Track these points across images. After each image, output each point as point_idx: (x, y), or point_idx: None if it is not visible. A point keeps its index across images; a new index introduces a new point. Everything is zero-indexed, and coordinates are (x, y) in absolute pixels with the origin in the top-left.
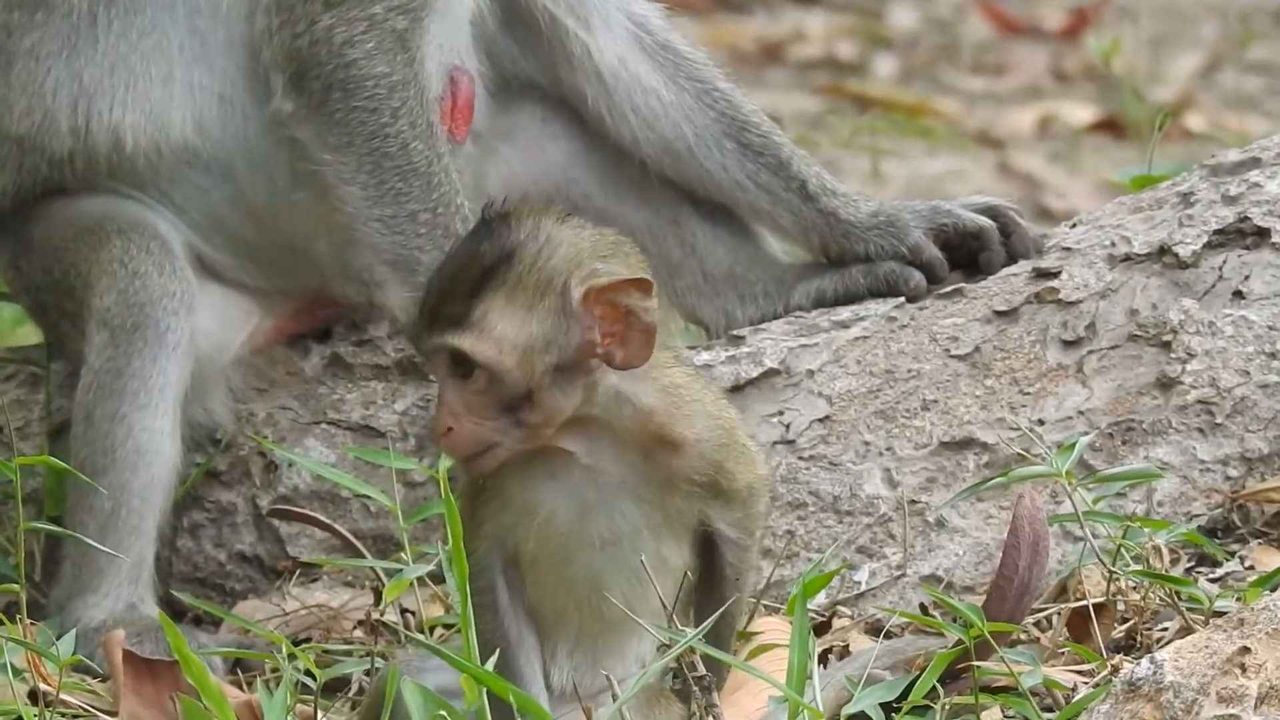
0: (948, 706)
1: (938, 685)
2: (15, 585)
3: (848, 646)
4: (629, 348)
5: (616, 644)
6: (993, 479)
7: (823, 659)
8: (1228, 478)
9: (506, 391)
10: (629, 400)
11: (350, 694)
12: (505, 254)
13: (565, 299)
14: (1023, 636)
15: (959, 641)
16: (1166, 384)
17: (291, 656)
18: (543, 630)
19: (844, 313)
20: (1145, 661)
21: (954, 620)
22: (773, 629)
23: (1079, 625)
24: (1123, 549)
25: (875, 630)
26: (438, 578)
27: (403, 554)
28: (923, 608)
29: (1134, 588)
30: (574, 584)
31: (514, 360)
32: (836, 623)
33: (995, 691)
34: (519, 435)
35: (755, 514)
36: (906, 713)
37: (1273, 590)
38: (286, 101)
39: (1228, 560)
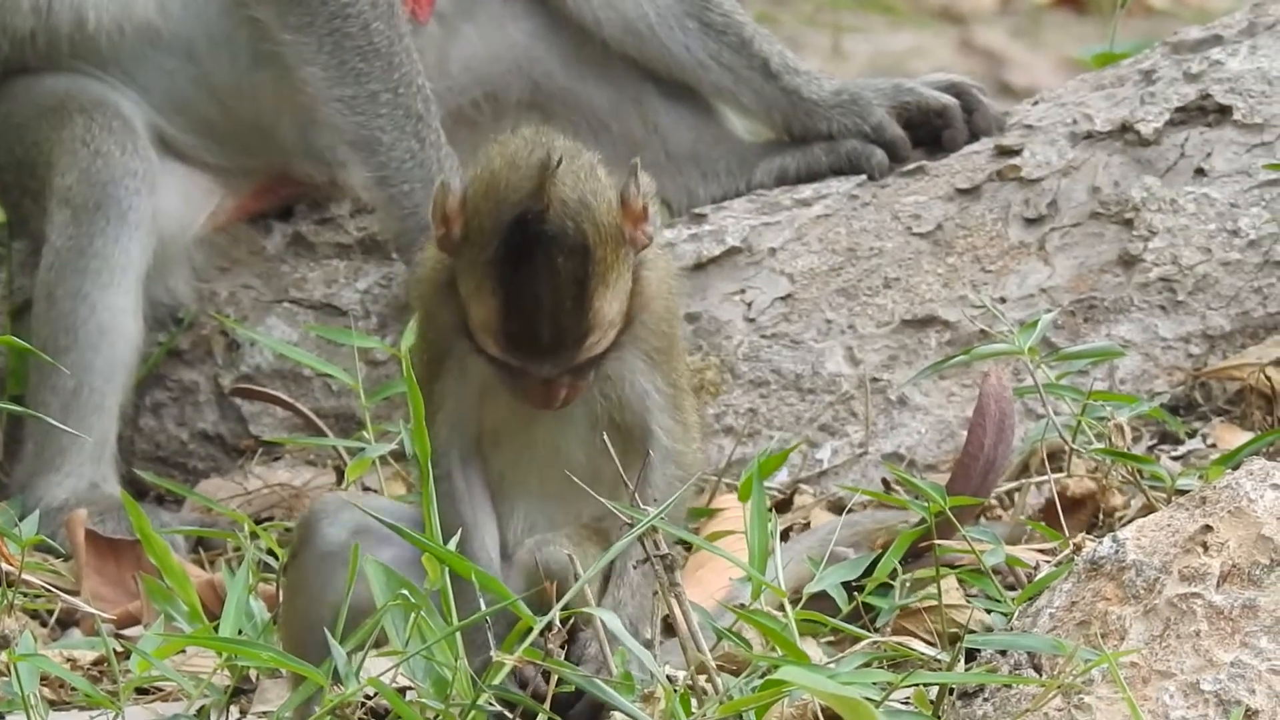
0: (908, 584)
1: (898, 564)
2: None
3: (809, 524)
4: (646, 229)
5: (574, 511)
6: (955, 357)
7: (784, 536)
8: (1190, 355)
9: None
10: None
11: None
12: (580, 249)
13: (625, 241)
14: (987, 517)
15: (921, 520)
16: (1128, 261)
17: (254, 535)
18: (501, 499)
19: (806, 191)
20: (1107, 540)
21: (916, 498)
22: (734, 507)
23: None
24: (1085, 426)
25: (837, 508)
26: (400, 456)
27: (365, 432)
28: (885, 484)
29: (1094, 468)
30: (534, 455)
31: (619, 321)
32: (798, 499)
33: (957, 569)
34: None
35: (691, 452)
36: (870, 592)
37: (1235, 468)
38: None
39: (1190, 438)
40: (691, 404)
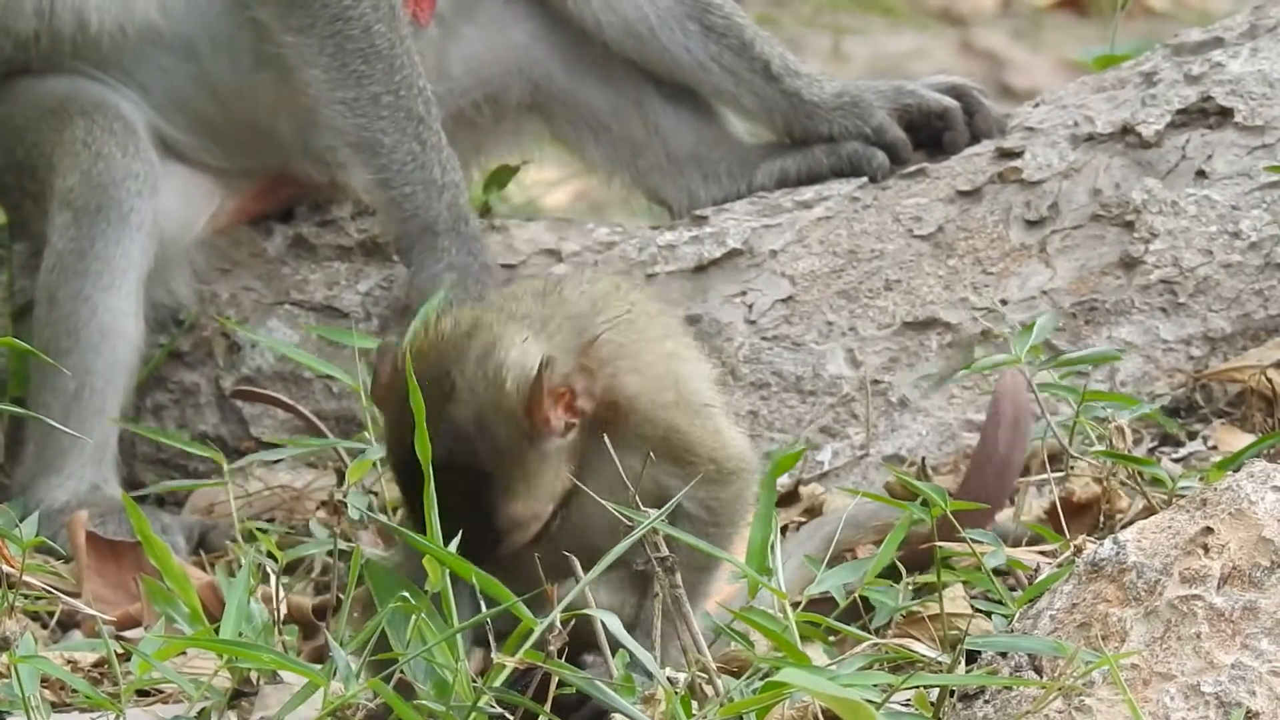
0: (911, 585)
1: (899, 563)
2: None
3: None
4: (585, 393)
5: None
6: (960, 370)
7: (782, 531)
8: (1191, 357)
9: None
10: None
11: (313, 575)
12: (470, 470)
13: (534, 440)
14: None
15: (920, 522)
16: (1129, 264)
17: (254, 538)
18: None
19: (807, 193)
20: (1108, 542)
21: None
22: None
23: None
24: (1086, 428)
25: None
26: None
27: (365, 434)
28: (888, 487)
29: (1098, 471)
30: (577, 547)
31: (550, 504)
32: (803, 490)
33: (960, 571)
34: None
35: (724, 499)
36: (867, 587)
37: (1235, 470)
38: None
39: (1190, 440)
40: (719, 456)
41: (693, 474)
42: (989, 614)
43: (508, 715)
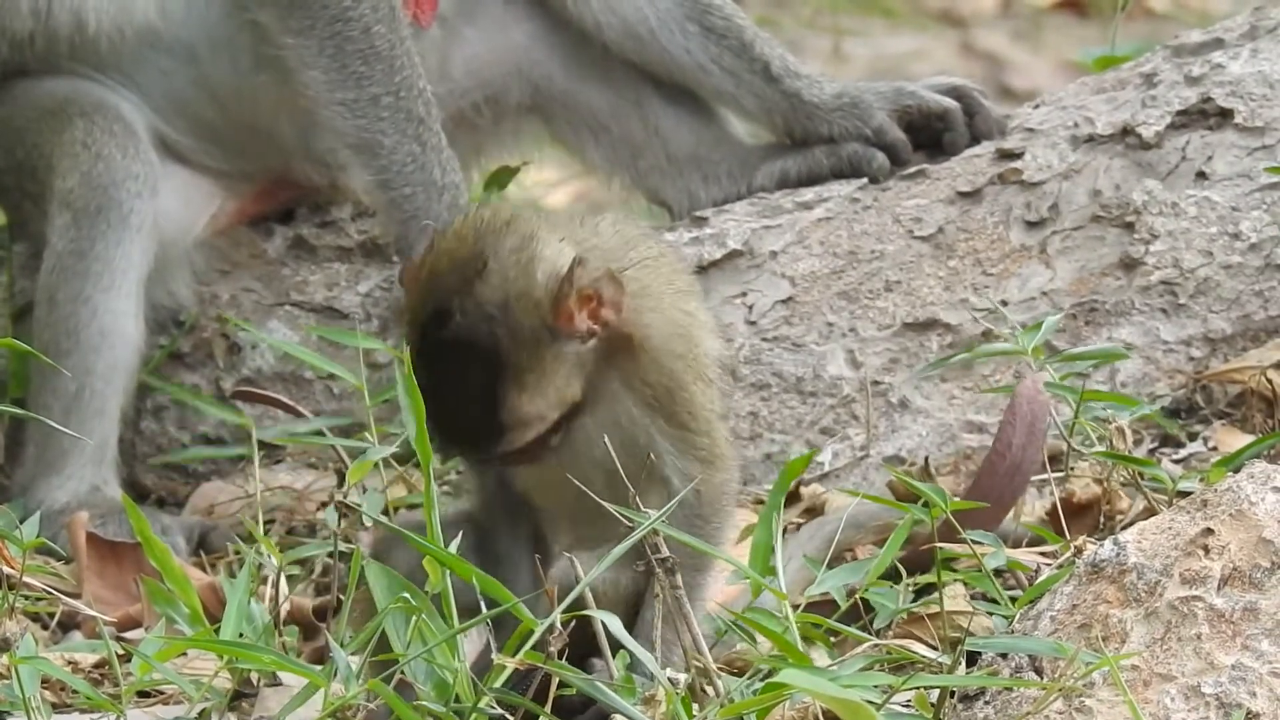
0: (912, 587)
1: (899, 564)
2: None
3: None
4: (611, 301)
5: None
6: (956, 355)
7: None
8: (1191, 358)
9: (558, 420)
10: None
11: (314, 576)
12: (487, 354)
13: (555, 336)
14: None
15: (921, 522)
16: (1130, 264)
17: (254, 539)
18: (550, 539)
19: (807, 194)
20: (1108, 543)
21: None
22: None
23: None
24: (1087, 429)
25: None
26: (402, 459)
27: (367, 434)
28: (890, 487)
29: (1098, 472)
30: (564, 500)
31: (556, 410)
32: (805, 491)
33: (962, 573)
34: (569, 425)
35: (711, 486)
36: (868, 589)
37: (1236, 471)
38: None
39: (1191, 441)
40: (714, 435)
41: (688, 445)
42: (990, 614)
43: (508, 716)
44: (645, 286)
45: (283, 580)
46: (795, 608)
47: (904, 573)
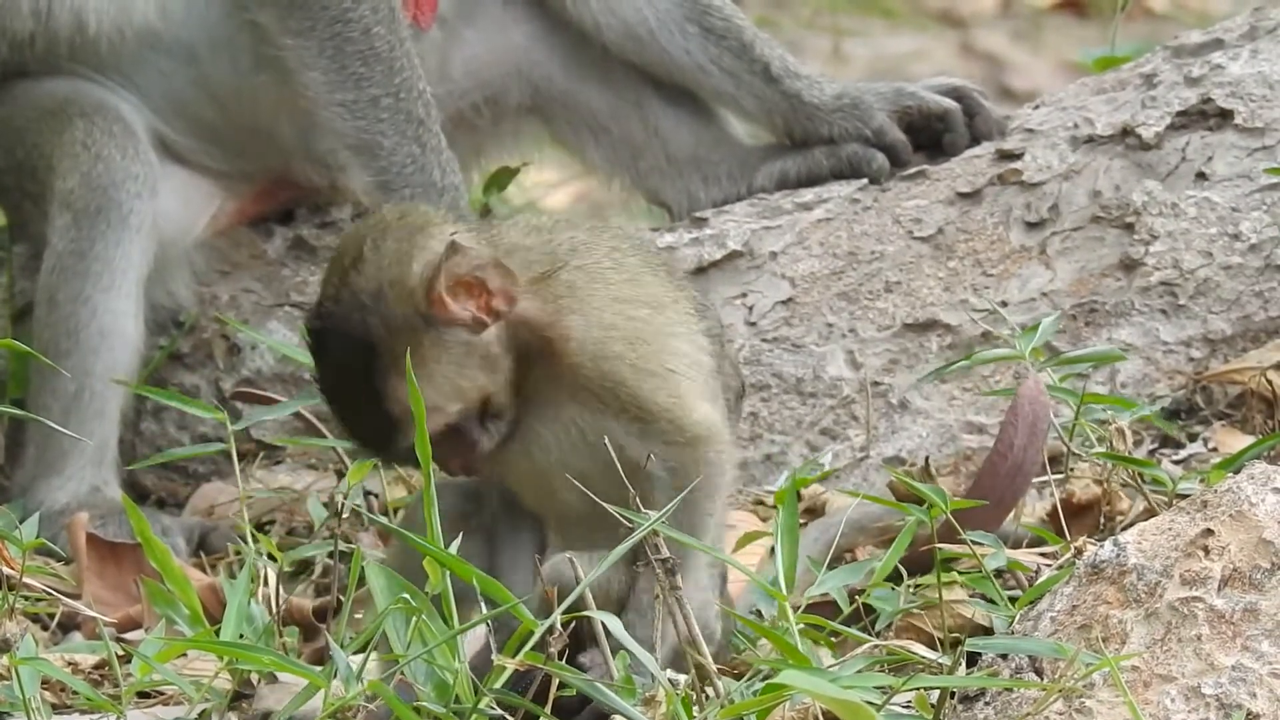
0: (912, 589)
1: (899, 565)
2: None
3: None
4: (498, 290)
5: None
6: (958, 362)
7: None
8: (1191, 359)
9: (470, 416)
10: (516, 323)
11: (313, 577)
12: (362, 346)
13: (433, 324)
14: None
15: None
16: (1129, 265)
17: (254, 539)
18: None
19: (807, 194)
20: (1108, 544)
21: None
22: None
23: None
24: (1087, 430)
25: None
26: None
27: None
28: (891, 488)
29: (1099, 473)
30: (550, 496)
31: (456, 402)
32: (805, 491)
33: (963, 574)
34: (499, 424)
35: (685, 462)
36: (870, 593)
37: (1236, 472)
38: None
39: (1191, 442)
40: (676, 418)
41: (650, 432)
42: (989, 615)
43: (508, 716)
44: (573, 287)
45: (273, 577)
46: (796, 608)
47: (904, 574)
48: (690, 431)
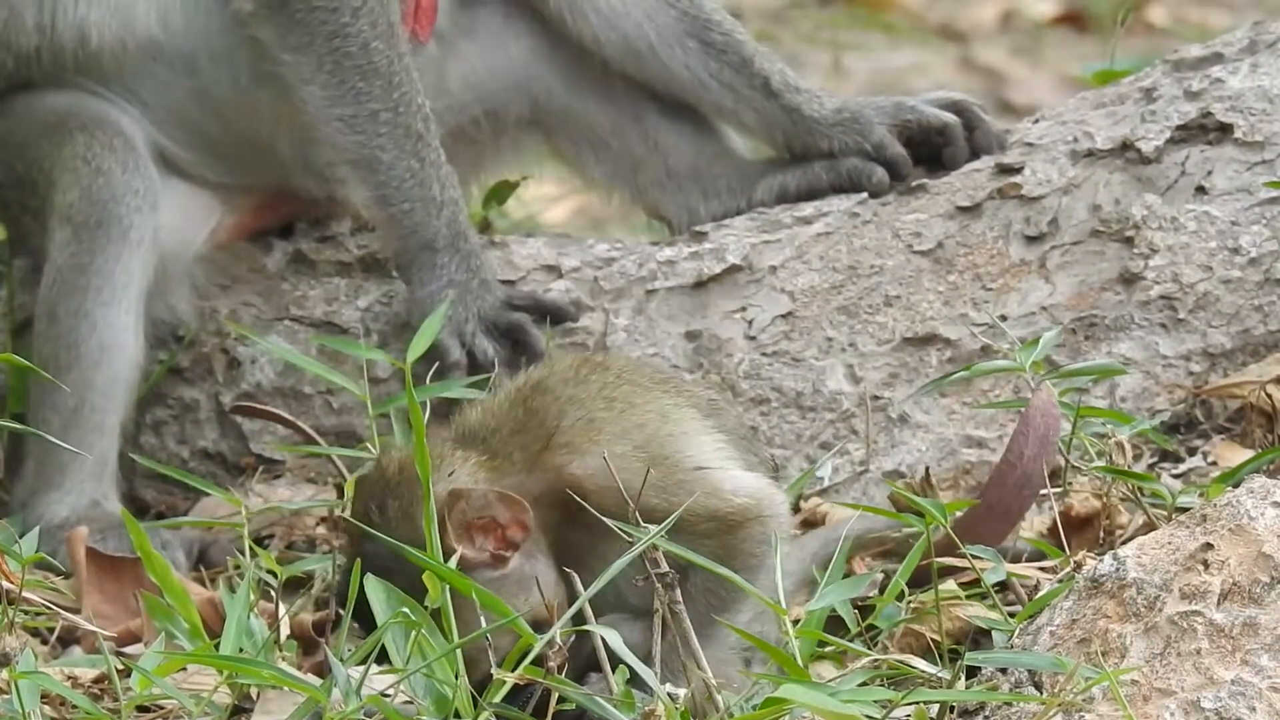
0: (913, 605)
1: (904, 587)
2: None
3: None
4: (508, 522)
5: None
6: (956, 373)
7: None
8: (1190, 373)
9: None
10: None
11: (313, 591)
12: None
13: (466, 568)
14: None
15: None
16: (1129, 279)
17: (253, 553)
18: None
19: (807, 208)
20: (1108, 558)
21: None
22: None
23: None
24: (1086, 444)
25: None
26: None
27: (369, 445)
28: (926, 477)
29: (1099, 487)
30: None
31: (507, 635)
32: (803, 504)
33: (960, 584)
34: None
35: (736, 542)
36: (875, 614)
37: (1235, 486)
38: (246, 2)
39: (1190, 456)
40: (712, 511)
41: (693, 533)
42: (989, 629)
43: None
44: (571, 446)
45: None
46: (795, 622)
47: (905, 589)
48: (732, 519)
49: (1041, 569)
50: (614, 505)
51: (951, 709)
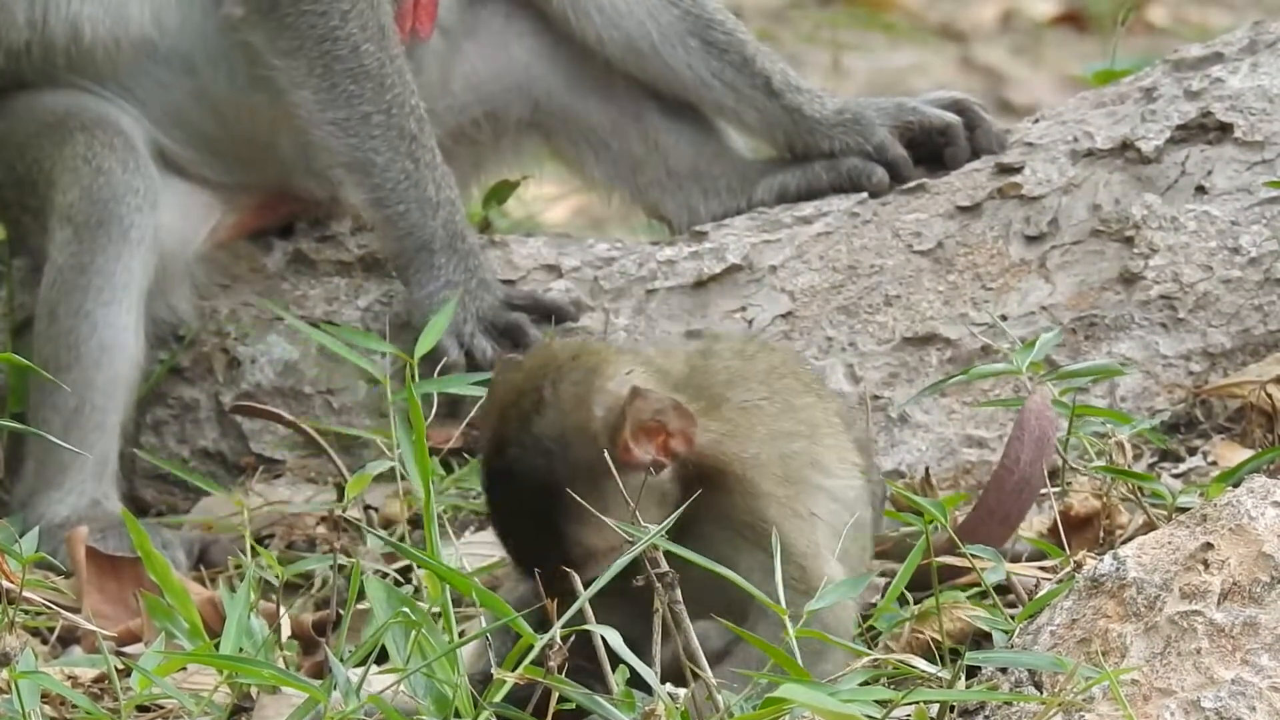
0: (912, 601)
1: (905, 591)
2: None
3: None
4: (678, 431)
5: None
6: (955, 376)
7: None
8: (1190, 373)
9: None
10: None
11: (313, 591)
12: (544, 490)
13: (616, 469)
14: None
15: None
16: (1129, 279)
17: (254, 553)
18: None
19: (807, 208)
20: (1108, 557)
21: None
22: None
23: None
24: (1086, 444)
25: None
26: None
27: (380, 442)
28: (926, 478)
29: (1098, 486)
30: None
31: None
32: None
33: (960, 586)
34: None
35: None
36: (876, 616)
37: (1235, 486)
38: (235, 6)
39: (1190, 456)
40: (807, 569)
41: (773, 573)
42: (989, 630)
43: None
44: (731, 424)
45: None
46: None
47: (909, 597)
48: (814, 584)
49: (1041, 569)
50: (740, 499)
51: (951, 709)
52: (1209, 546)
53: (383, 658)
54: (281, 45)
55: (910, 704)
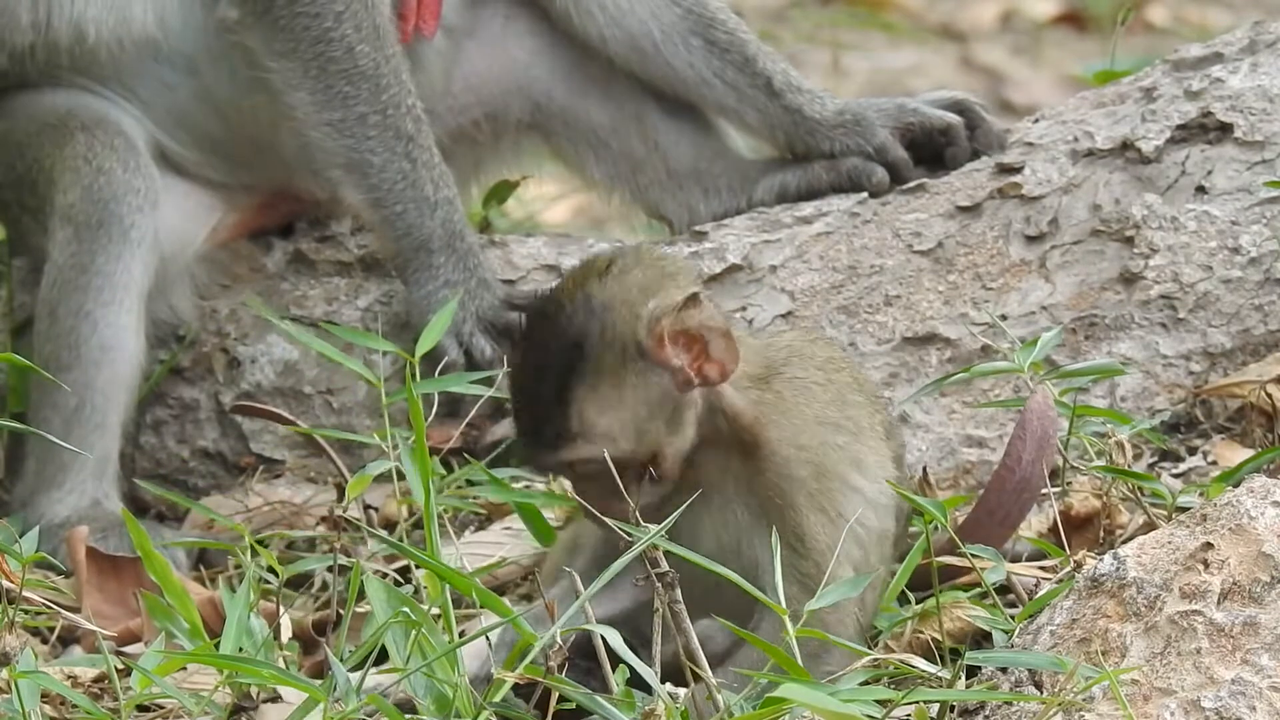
0: (915, 609)
1: (906, 591)
2: None
3: None
4: (717, 358)
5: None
6: (956, 374)
7: None
8: (1190, 373)
9: (635, 464)
10: (718, 408)
11: (313, 590)
12: (573, 345)
13: (644, 357)
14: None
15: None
16: (1129, 279)
17: (254, 552)
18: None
19: (807, 208)
20: (1108, 557)
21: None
22: None
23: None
24: (1086, 444)
25: None
26: (402, 474)
27: (381, 444)
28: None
29: (1099, 486)
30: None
31: (630, 442)
32: None
33: (960, 586)
34: (657, 489)
35: (815, 614)
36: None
37: (1235, 486)
38: (231, 9)
39: (1190, 455)
40: (823, 567)
41: (790, 566)
42: (989, 630)
43: None
44: (781, 398)
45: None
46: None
47: (911, 597)
48: (808, 583)
49: (1041, 569)
50: (774, 477)
51: (951, 709)
52: (1209, 546)
53: (383, 658)
54: (276, 47)
55: (910, 704)
